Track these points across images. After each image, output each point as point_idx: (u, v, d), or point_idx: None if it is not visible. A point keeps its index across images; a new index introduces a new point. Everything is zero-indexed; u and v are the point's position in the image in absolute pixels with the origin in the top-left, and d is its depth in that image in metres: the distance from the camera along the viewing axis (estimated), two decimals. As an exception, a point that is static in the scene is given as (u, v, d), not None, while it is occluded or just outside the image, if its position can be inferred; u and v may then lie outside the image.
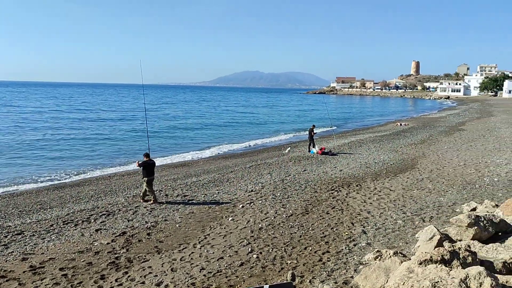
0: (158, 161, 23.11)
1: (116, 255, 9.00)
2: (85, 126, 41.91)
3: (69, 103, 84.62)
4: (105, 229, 10.79)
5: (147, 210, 12.50)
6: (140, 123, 44.06)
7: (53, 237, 10.23)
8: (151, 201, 13.26)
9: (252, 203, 12.77)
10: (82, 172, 20.49)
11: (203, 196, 14.10)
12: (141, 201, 13.48)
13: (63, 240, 10.01)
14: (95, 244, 9.68)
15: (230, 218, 11.33)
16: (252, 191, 14.44)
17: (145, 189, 13.37)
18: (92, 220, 11.57)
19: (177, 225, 10.98)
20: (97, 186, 16.78)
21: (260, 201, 12.97)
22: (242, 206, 12.47)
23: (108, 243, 9.73)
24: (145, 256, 8.94)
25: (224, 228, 10.59)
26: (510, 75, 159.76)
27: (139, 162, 13.64)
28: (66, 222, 11.51)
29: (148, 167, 13.41)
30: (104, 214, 12.13)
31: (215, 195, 14.10)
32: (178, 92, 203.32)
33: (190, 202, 13.35)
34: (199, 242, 9.62)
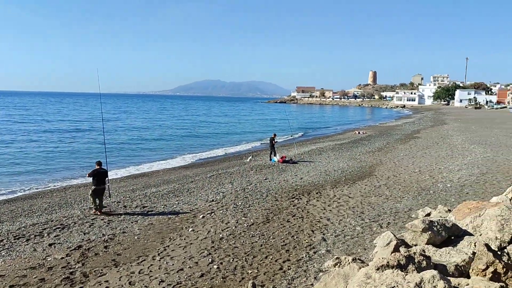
0: (116, 172, 22.60)
1: (71, 270, 8.66)
2: (40, 137, 40.34)
3: (22, 113, 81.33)
4: (59, 243, 10.38)
5: (105, 222, 12.14)
6: (97, 134, 42.90)
7: (3, 253, 9.73)
8: (94, 211, 12.95)
9: (213, 213, 12.67)
10: (36, 185, 19.66)
11: (162, 207, 13.85)
12: (98, 213, 13.08)
13: (14, 256, 9.54)
14: (49, 259, 9.28)
15: (190, 229, 11.18)
16: (213, 200, 14.33)
17: (94, 198, 13.02)
18: (46, 234, 11.10)
19: (135, 237, 10.72)
20: (51, 198, 16.16)
21: (221, 211, 12.89)
22: (203, 216, 12.34)
23: (62, 258, 9.36)
24: (101, 270, 8.65)
25: (184, 239, 10.43)
26: (461, 85, 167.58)
27: (89, 172, 13.34)
28: (17, 237, 10.98)
29: (97, 176, 13.07)
30: (58, 228, 11.67)
31: (175, 206, 13.88)
32: (137, 101, 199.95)
33: (149, 213, 13.08)
34: (159, 254, 9.42)
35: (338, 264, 6.73)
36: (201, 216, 12.41)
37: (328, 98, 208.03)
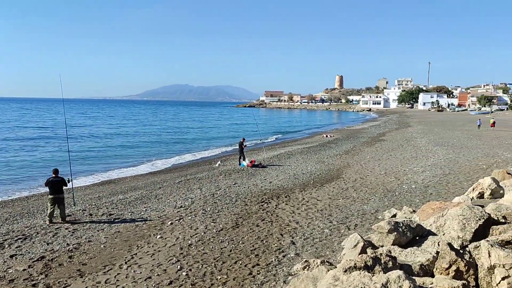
0: (81, 180, 22.03)
1: (34, 282, 8.35)
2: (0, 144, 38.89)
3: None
4: (21, 254, 9.99)
5: (69, 231, 11.79)
6: (61, 141, 41.68)
7: (-41, 267, 9.29)
8: (48, 222, 12.54)
9: (181, 219, 12.52)
10: (-5, 194, 18.92)
11: (130, 214, 13.58)
12: (63, 222, 12.69)
13: (-28, 270, 9.12)
14: (10, 272, 8.92)
15: (158, 236, 11.00)
16: (181, 207, 14.16)
17: (51, 208, 12.63)
18: (6, 246, 10.67)
19: (102, 246, 10.45)
20: (12, 208, 15.56)
21: (189, 217, 12.75)
22: (171, 223, 12.17)
23: (24, 270, 9.01)
24: (66, 281, 8.39)
25: (152, 246, 10.25)
26: (424, 88, 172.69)
27: (45, 182, 12.96)
28: (-24, 249, 10.52)
29: (51, 185, 12.70)
30: (20, 238, 11.25)
31: (142, 213, 13.64)
32: (103, 107, 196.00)
33: (116, 221, 12.79)
34: (126, 263, 9.22)
35: (307, 267, 6.76)
36: (169, 222, 12.24)
37: (296, 102, 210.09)
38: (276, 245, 9.91)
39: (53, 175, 12.96)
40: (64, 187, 13.08)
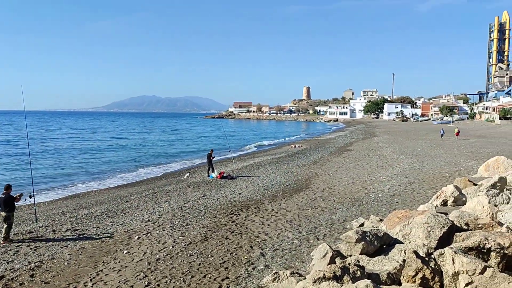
0: (44, 195, 21.34)
1: (-9, 304, 7.97)
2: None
3: None
4: (-22, 274, 9.52)
5: (31, 249, 11.34)
6: (23, 156, 40.24)
7: None
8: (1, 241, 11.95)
9: (149, 234, 12.27)
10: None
11: (95, 229, 13.21)
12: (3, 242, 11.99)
13: None
14: (-35, 294, 8.49)
15: (125, 251, 10.73)
16: (149, 220, 13.90)
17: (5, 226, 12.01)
18: (-38, 266, 10.16)
19: (65, 263, 10.10)
20: (-31, 226, 14.86)
21: (157, 231, 12.52)
22: (138, 237, 11.91)
23: (-19, 291, 8.59)
24: (27, 301, 8.04)
25: (119, 262, 9.99)
26: (388, 99, 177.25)
27: None
28: None
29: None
30: (-23, 258, 10.73)
31: (108, 228, 13.29)
32: (68, 119, 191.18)
33: (80, 236, 12.41)
34: (91, 280, 8.93)
35: (277, 279, 6.74)
36: (136, 237, 11.97)
37: (265, 113, 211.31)
38: (245, 257, 9.84)
39: (5, 191, 12.21)
40: (20, 203, 12.36)
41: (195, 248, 10.75)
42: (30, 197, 12.94)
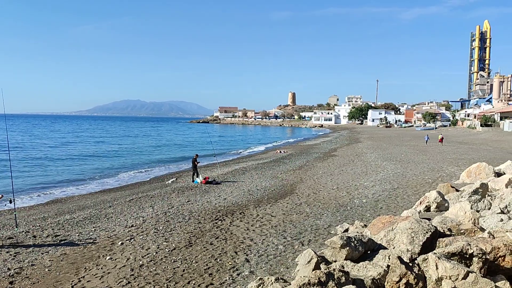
0: (24, 200, 20.96)
1: (-31, 312, 7.77)
2: None
3: None
4: (-45, 282, 9.29)
5: (10, 255, 11.10)
6: (2, 160, 39.47)
7: None
8: None
9: (132, 239, 12.13)
10: None
11: (77, 235, 13.01)
12: None
13: None
14: None
15: (108, 257, 10.58)
16: (132, 226, 13.74)
17: None
18: None
19: (46, 270, 9.91)
20: None
21: (141, 237, 12.38)
22: (122, 243, 11.76)
23: (-42, 299, 8.37)
24: (5, 309, 7.86)
25: (101, 268, 9.84)
26: (372, 105, 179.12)
27: None
28: None
29: None
30: (-46, 264, 10.46)
31: (91, 233, 13.10)
32: (51, 122, 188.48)
33: (62, 242, 12.20)
34: (72, 287, 8.77)
35: (261, 285, 6.71)
36: (119, 243, 11.82)
37: (251, 118, 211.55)
38: (230, 263, 9.79)
39: None
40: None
41: (179, 254, 10.66)
42: (10, 202, 12.67)
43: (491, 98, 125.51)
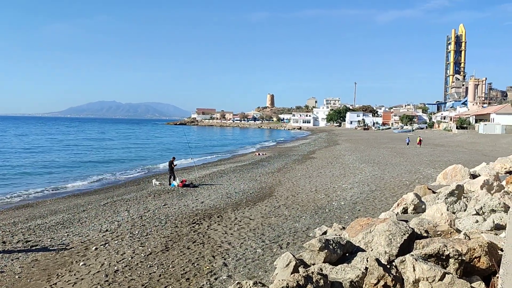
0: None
1: None
2: None
3: None
4: None
5: (-22, 262, 10.77)
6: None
7: None
8: None
9: (107, 244, 11.93)
10: None
11: (49, 240, 12.72)
12: None
13: None
14: None
15: (81, 263, 10.38)
16: (107, 230, 13.52)
17: None
18: None
19: (16, 277, 9.65)
20: None
21: (116, 241, 12.19)
22: (96, 248, 11.56)
23: None
24: (-28, 318, 7.61)
25: (74, 274, 9.64)
26: (350, 107, 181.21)
27: None
28: None
29: None
30: None
31: (64, 238, 12.84)
32: (20, 124, 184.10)
33: (33, 248, 11.91)
34: (44, 294, 8.57)
35: (239, 290, 6.68)
36: (93, 248, 11.62)
37: (229, 120, 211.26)
38: (207, 267, 9.73)
39: None
40: None
41: (156, 258, 10.54)
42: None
43: (466, 101, 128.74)
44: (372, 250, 7.15)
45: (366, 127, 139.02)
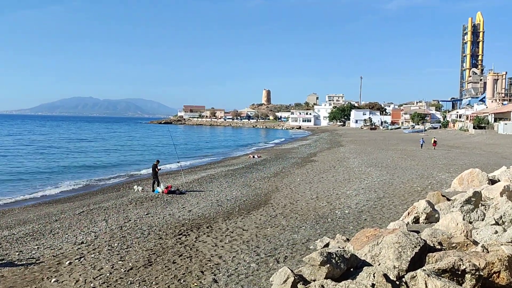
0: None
1: None
2: None
3: None
4: None
5: None
6: None
7: None
8: None
9: (82, 258, 11.89)
10: None
11: (17, 253, 12.66)
12: None
13: None
14: None
15: (53, 279, 10.33)
16: (82, 243, 13.48)
17: None
18: None
19: (-21, 296, 9.60)
20: None
21: (92, 255, 12.15)
22: (70, 263, 11.51)
23: None
24: None
25: (45, 292, 9.59)
26: (356, 104, 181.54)
27: None
28: None
29: None
30: None
31: (34, 252, 12.78)
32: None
33: (-1, 263, 11.86)
34: (10, 315, 8.52)
35: (231, 309, 6.68)
36: (67, 262, 11.57)
37: (220, 118, 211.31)
38: (195, 284, 9.71)
39: None
40: None
41: (137, 274, 10.51)
42: None
43: (484, 97, 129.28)
44: (379, 265, 7.17)
45: (373, 126, 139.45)
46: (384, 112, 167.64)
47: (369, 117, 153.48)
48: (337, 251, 7.56)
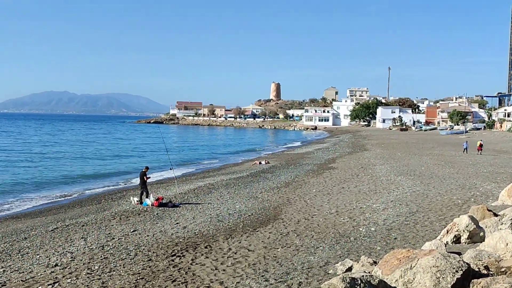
0: None
1: None
2: None
3: None
4: None
5: None
6: None
7: None
8: None
9: (56, 284, 11.93)
10: None
11: (-21, 278, 12.74)
12: None
13: None
14: None
15: (22, 309, 10.37)
16: (56, 265, 13.54)
17: None
18: None
19: None
20: None
21: (68, 280, 12.20)
22: (42, 289, 11.58)
23: None
24: None
25: (13, 324, 9.63)
26: (383, 101, 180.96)
27: None
28: None
29: None
30: None
31: (-1, 276, 12.87)
32: None
33: (-43, 289, 11.94)
34: None
35: None
36: (38, 288, 11.64)
37: (220, 117, 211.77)
38: (192, 315, 9.71)
39: None
40: None
41: (122, 303, 10.53)
42: None
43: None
44: (413, 293, 7.13)
45: (404, 127, 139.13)
46: (417, 110, 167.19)
47: (399, 116, 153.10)
48: (363, 276, 7.52)
